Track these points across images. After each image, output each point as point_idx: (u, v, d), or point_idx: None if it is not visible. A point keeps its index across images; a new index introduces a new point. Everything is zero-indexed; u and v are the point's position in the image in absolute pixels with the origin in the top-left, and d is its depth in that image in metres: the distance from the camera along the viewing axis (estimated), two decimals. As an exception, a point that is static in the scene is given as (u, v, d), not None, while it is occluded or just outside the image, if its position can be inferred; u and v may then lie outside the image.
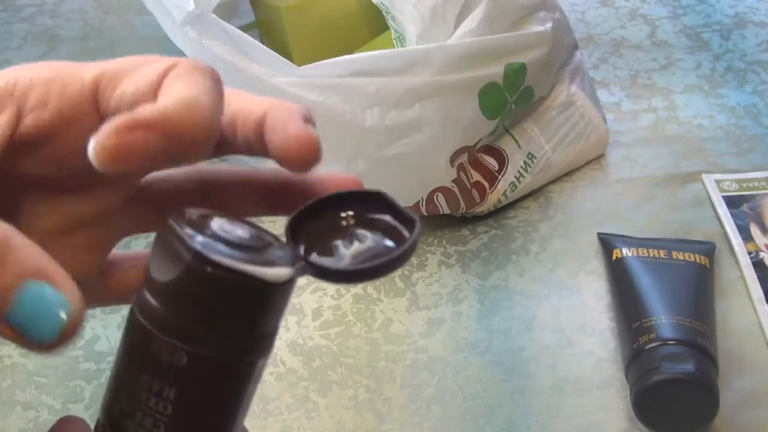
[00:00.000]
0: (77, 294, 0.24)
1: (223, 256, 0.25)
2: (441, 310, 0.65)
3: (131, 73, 0.29)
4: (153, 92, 0.28)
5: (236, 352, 0.26)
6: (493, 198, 0.71)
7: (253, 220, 0.30)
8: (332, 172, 0.31)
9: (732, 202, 0.72)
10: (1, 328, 0.23)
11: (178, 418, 0.26)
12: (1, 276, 0.23)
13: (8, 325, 0.23)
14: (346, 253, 0.28)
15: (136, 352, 0.27)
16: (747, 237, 0.69)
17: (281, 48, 0.72)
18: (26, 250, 0.24)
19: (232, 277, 0.25)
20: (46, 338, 0.23)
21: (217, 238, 0.26)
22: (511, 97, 0.69)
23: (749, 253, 0.68)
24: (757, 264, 0.67)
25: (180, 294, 0.26)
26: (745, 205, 0.72)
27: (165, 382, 0.26)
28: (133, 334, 0.27)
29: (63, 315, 0.23)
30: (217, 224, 0.27)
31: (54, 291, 0.23)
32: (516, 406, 0.59)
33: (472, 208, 0.70)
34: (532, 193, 0.74)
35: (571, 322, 0.64)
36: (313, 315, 0.65)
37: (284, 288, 0.26)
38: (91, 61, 0.29)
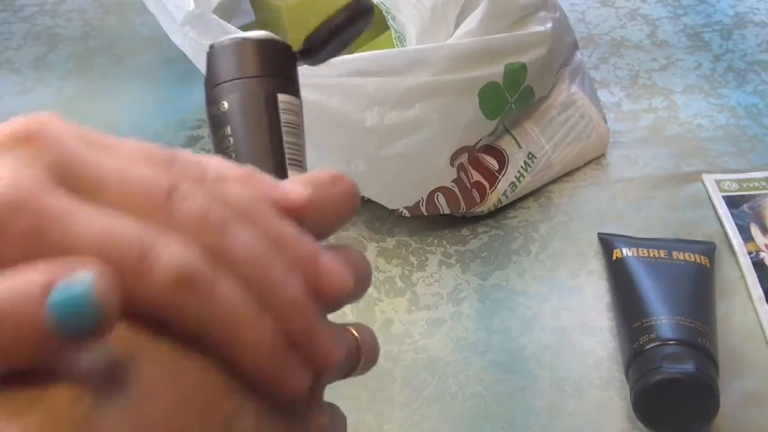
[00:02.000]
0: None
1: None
2: (441, 310, 0.65)
3: None
4: None
5: (252, 89, 0.36)
6: (494, 198, 0.71)
7: None
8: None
9: (732, 202, 0.72)
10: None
11: (239, 145, 0.36)
12: None
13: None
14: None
15: (209, 125, 0.37)
16: (747, 237, 0.69)
17: (281, 48, 0.71)
18: None
19: (232, 42, 0.37)
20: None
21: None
22: (511, 97, 0.69)
23: (749, 252, 0.68)
24: (758, 264, 0.67)
25: (212, 67, 0.37)
26: (745, 204, 0.72)
27: (224, 125, 0.36)
28: (208, 121, 0.37)
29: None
30: None
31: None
32: (516, 406, 0.59)
33: (473, 208, 0.70)
34: (533, 193, 0.74)
35: (572, 322, 0.64)
36: (313, 315, 0.65)
37: (265, 45, 0.37)
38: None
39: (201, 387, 0.24)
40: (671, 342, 0.56)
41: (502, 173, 0.71)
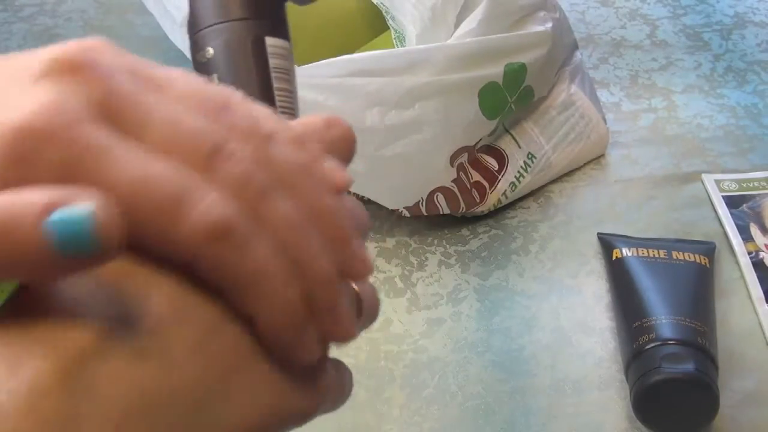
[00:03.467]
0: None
1: None
2: (441, 310, 0.65)
3: None
4: None
5: (238, 33, 0.35)
6: (493, 198, 0.71)
7: None
8: None
9: (732, 202, 0.72)
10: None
11: None
12: None
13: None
14: None
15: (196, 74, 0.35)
16: (747, 237, 0.69)
17: (281, 48, 0.71)
18: None
19: None
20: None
21: None
22: (511, 97, 0.69)
23: (749, 253, 0.68)
24: (757, 264, 0.67)
25: (195, 11, 0.36)
26: (745, 205, 0.72)
27: (209, 74, 0.35)
28: (194, 70, 0.36)
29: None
30: None
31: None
32: (516, 406, 0.59)
33: (472, 208, 0.70)
34: (532, 193, 0.74)
35: (571, 322, 0.64)
36: (313, 315, 0.65)
37: None
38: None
39: (210, 330, 0.24)
40: (671, 342, 0.56)
41: (502, 173, 0.71)
